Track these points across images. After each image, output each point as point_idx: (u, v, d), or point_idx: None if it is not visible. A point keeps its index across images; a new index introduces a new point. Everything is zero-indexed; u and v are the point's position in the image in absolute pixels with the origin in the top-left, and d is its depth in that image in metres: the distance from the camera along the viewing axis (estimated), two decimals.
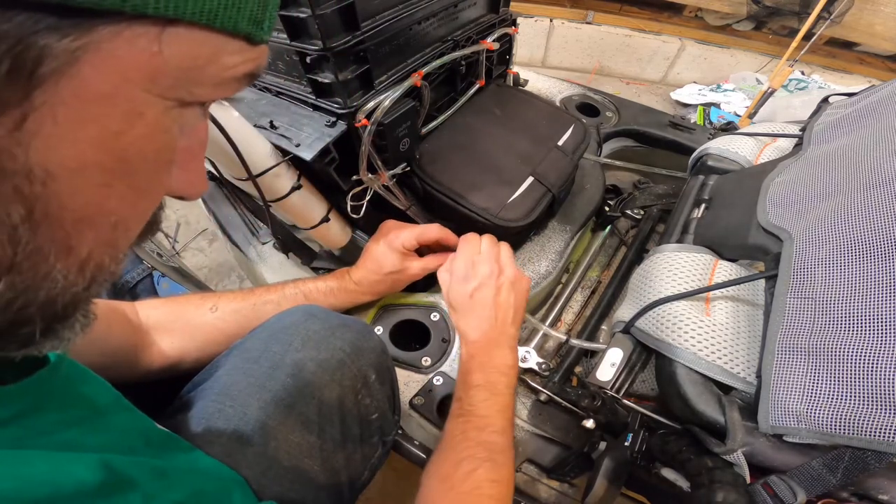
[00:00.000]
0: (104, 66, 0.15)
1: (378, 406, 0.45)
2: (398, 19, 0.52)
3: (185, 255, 1.29)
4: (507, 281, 0.53)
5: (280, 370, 0.40)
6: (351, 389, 0.42)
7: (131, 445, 0.28)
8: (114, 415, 0.28)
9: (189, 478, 0.29)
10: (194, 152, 0.23)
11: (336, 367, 0.42)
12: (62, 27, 0.14)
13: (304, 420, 0.39)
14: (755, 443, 0.40)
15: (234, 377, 0.40)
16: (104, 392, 0.29)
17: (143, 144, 0.18)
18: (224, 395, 0.39)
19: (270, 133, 0.54)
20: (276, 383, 0.39)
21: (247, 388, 0.39)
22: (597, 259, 0.83)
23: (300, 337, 0.42)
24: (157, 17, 0.15)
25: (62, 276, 0.17)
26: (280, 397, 0.39)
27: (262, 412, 0.38)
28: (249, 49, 0.19)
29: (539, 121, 0.72)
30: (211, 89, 0.19)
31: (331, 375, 0.41)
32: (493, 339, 0.50)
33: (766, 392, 0.41)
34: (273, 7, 0.19)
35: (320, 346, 0.42)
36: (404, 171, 0.61)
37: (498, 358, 0.49)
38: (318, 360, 0.41)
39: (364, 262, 0.60)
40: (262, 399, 0.38)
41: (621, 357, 0.52)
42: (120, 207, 0.18)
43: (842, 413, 0.35)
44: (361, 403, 0.43)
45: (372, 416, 0.44)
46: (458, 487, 0.39)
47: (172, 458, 0.31)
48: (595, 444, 0.52)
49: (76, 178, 0.16)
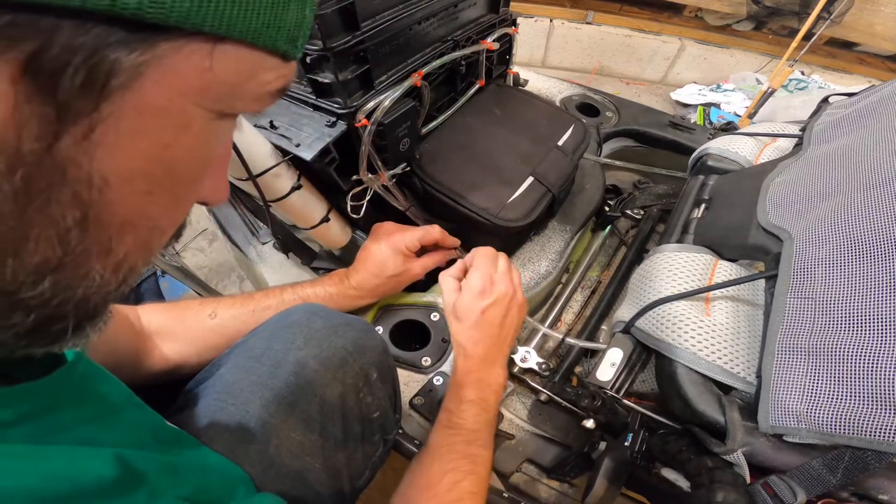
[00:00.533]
0: (164, 80, 0.15)
1: (380, 405, 0.45)
2: (398, 19, 0.52)
3: (185, 255, 1.29)
4: (517, 304, 0.54)
5: (282, 368, 0.40)
6: (353, 388, 0.42)
7: (143, 441, 0.28)
8: (127, 412, 0.29)
9: (196, 474, 0.29)
10: (223, 161, 0.24)
11: (338, 366, 0.42)
12: (130, 42, 0.14)
13: (305, 418, 0.39)
14: (755, 443, 0.40)
15: (236, 375, 0.40)
16: (117, 390, 0.29)
17: (187, 155, 0.18)
18: (226, 392, 0.39)
19: (270, 133, 0.54)
20: (279, 381, 0.39)
21: (249, 386, 0.39)
22: (597, 259, 0.83)
23: (303, 335, 0.42)
24: (211, 35, 0.16)
25: (99, 275, 0.18)
26: (282, 395, 0.39)
27: (264, 410, 0.38)
28: (284, 66, 0.20)
29: (539, 121, 0.72)
30: (249, 103, 0.19)
31: (333, 374, 0.41)
32: (491, 357, 0.51)
33: (766, 392, 0.41)
34: (307, 27, 0.20)
35: (322, 344, 0.42)
36: (404, 171, 0.61)
37: (493, 376, 0.50)
38: (320, 358, 0.41)
39: (364, 265, 0.59)
40: (264, 397, 0.38)
41: (621, 357, 0.52)
42: (159, 214, 0.19)
43: (842, 413, 0.35)
44: (363, 402, 0.43)
45: (373, 415, 0.45)
46: (442, 496, 0.41)
47: (181, 454, 0.31)
48: (595, 444, 0.52)
49: (126, 186, 0.17)
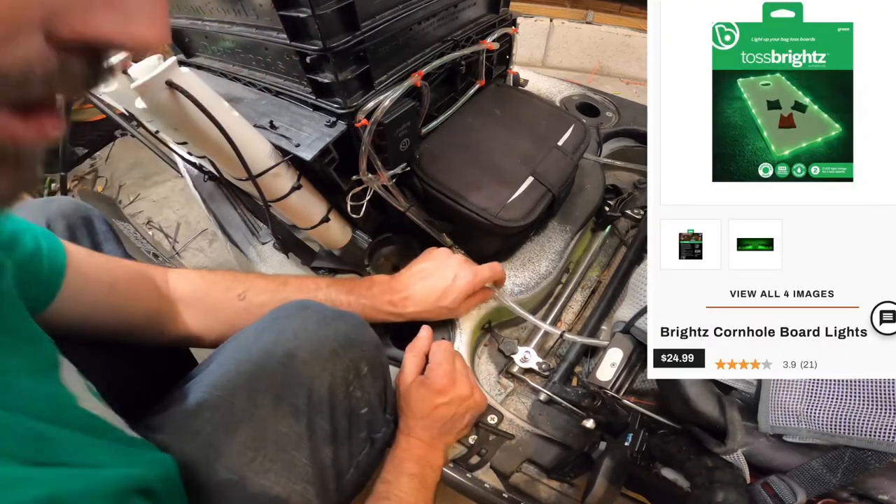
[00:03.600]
0: None
1: (369, 401, 0.45)
2: (398, 19, 0.52)
3: (185, 255, 1.29)
4: (474, 403, 0.54)
5: (271, 359, 0.39)
6: (343, 380, 0.42)
7: (26, 406, 0.26)
8: (27, 379, 0.27)
9: (79, 454, 0.26)
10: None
11: (328, 357, 0.41)
12: None
13: (293, 410, 0.38)
14: (755, 443, 0.40)
15: (224, 367, 0.40)
16: (37, 352, 0.28)
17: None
18: (212, 385, 0.39)
19: (270, 133, 0.54)
20: (265, 371, 0.39)
21: (236, 377, 0.39)
22: (597, 259, 0.83)
23: (293, 328, 0.42)
24: None
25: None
26: (269, 386, 0.38)
27: (249, 402, 0.37)
28: None
29: (539, 121, 0.72)
30: None
31: (322, 365, 0.40)
32: (435, 444, 0.51)
33: (766, 392, 0.41)
34: None
35: (313, 336, 0.41)
36: (404, 171, 0.61)
37: (435, 458, 0.50)
38: (310, 349, 0.41)
39: (418, 287, 0.57)
40: (250, 388, 0.38)
41: (621, 357, 0.52)
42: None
43: (842, 413, 0.35)
44: (353, 395, 0.43)
45: (361, 410, 0.44)
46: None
47: (75, 444, 0.27)
48: (595, 444, 0.52)
49: None
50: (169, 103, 0.41)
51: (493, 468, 0.56)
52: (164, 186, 1.49)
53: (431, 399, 0.51)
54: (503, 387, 0.66)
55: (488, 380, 0.67)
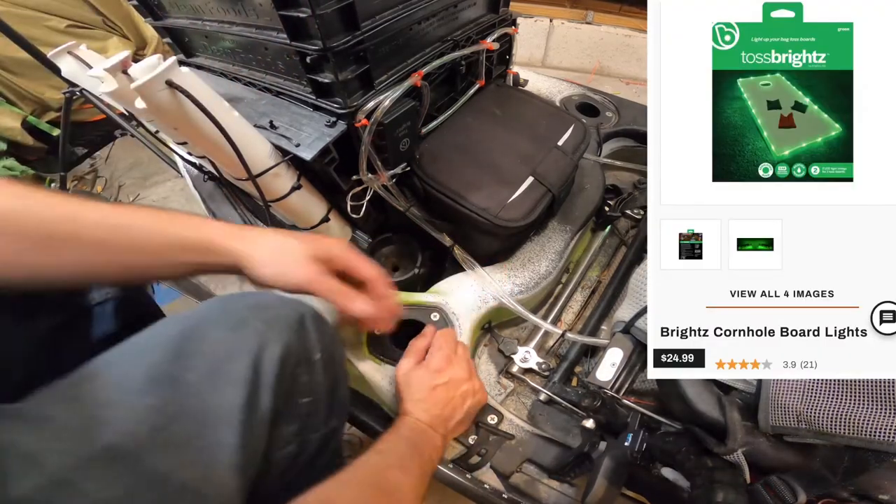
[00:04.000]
0: None
1: (312, 392, 0.40)
2: (398, 19, 0.52)
3: None
4: (471, 389, 0.54)
5: (217, 326, 0.36)
6: (294, 356, 0.38)
7: None
8: None
9: None
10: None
11: (283, 328, 0.38)
12: None
13: (233, 379, 0.34)
14: (755, 443, 0.40)
15: (155, 329, 0.36)
16: None
17: None
18: (133, 342, 0.34)
19: (270, 133, 0.54)
20: (198, 335, 0.35)
21: (163, 337, 0.35)
22: (597, 259, 0.83)
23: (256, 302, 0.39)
24: None
25: None
26: (202, 352, 0.34)
27: (174, 364, 0.33)
28: None
29: (539, 121, 0.72)
30: None
31: (277, 335, 0.37)
32: (435, 426, 0.50)
33: (766, 392, 0.41)
34: None
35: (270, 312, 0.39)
36: (404, 171, 0.61)
37: (434, 438, 0.48)
38: (264, 319, 0.38)
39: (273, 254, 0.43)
40: (176, 348, 0.34)
41: (621, 357, 0.52)
42: None
43: (842, 413, 0.35)
44: (299, 379, 0.39)
45: (302, 400, 0.39)
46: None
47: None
48: (595, 444, 0.52)
49: None
50: (169, 103, 0.41)
51: (493, 468, 0.56)
52: (163, 186, 1.49)
53: (429, 379, 0.51)
54: (503, 387, 0.66)
55: (488, 380, 0.67)
